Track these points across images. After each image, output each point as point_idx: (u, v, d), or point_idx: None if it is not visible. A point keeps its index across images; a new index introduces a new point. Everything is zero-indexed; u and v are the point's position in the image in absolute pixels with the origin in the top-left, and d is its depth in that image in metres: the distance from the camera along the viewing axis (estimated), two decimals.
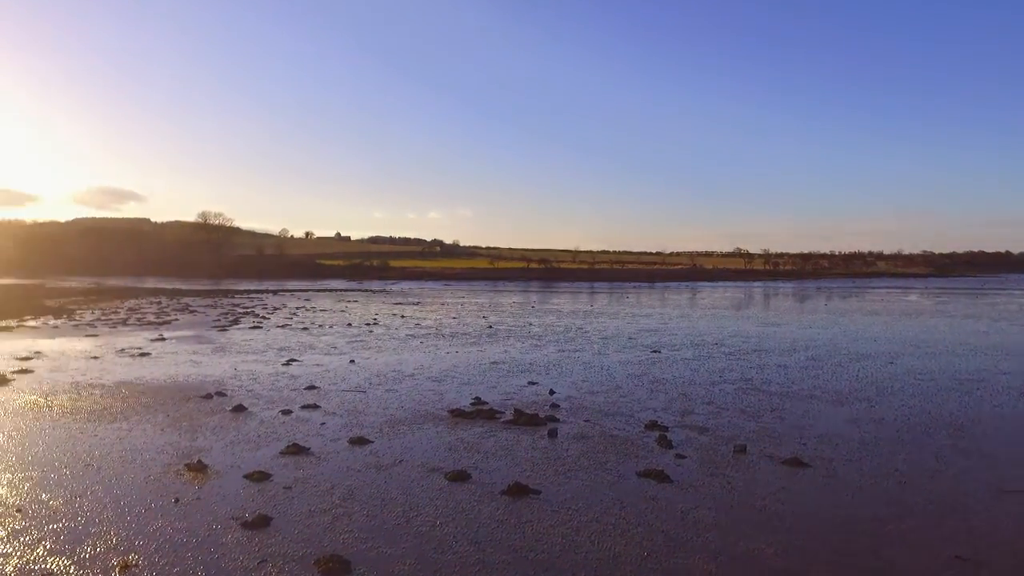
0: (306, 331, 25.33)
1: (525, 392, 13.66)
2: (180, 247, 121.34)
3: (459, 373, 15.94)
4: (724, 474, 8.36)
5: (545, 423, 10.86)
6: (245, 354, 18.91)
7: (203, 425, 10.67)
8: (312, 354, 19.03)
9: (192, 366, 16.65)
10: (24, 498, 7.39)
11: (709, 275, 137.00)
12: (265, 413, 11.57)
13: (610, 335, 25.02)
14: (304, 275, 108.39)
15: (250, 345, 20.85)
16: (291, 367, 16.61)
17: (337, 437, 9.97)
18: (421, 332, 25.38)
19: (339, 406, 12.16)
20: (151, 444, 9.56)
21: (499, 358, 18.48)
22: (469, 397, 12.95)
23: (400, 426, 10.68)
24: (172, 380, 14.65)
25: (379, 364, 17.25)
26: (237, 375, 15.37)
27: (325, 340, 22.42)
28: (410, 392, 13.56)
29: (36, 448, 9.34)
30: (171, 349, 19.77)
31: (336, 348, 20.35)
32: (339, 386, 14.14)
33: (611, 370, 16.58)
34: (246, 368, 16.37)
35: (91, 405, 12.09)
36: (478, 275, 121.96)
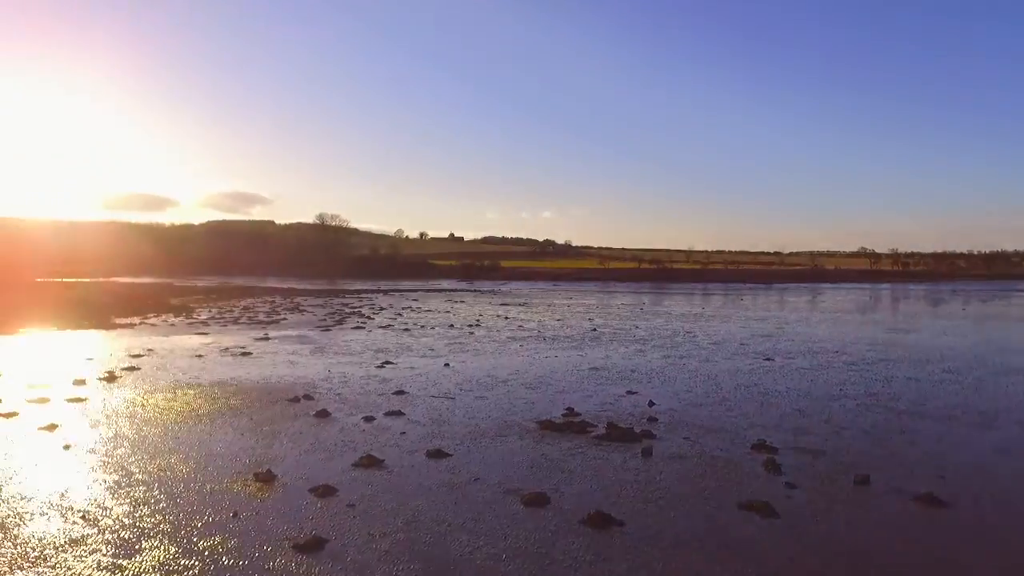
0: (407, 332, 25.26)
1: (622, 403, 12.75)
2: (299, 248, 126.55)
3: (555, 380, 15.20)
4: (842, 511, 7.21)
5: (640, 439, 9.94)
6: (342, 355, 18.87)
7: (283, 431, 10.41)
8: (408, 356, 18.77)
9: (288, 367, 16.69)
10: (91, 503, 7.23)
11: (831, 276, 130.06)
12: (348, 419, 11.23)
13: (720, 340, 23.60)
14: (416, 275, 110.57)
15: (349, 346, 20.87)
16: (384, 370, 16.35)
17: (415, 449, 9.44)
18: (522, 335, 24.79)
19: (424, 414, 11.67)
20: (227, 450, 9.33)
21: (599, 364, 17.60)
22: (562, 407, 12.18)
23: (483, 438, 10.05)
24: (265, 382, 14.64)
25: (473, 368, 16.75)
26: (329, 377, 15.23)
27: (424, 342, 22.19)
28: (500, 400, 12.93)
29: (119, 451, 9.29)
30: (272, 349, 20.03)
31: (433, 351, 20.04)
32: (428, 391, 13.70)
33: (718, 380, 15.39)
34: (340, 370, 16.24)
35: (182, 406, 12.13)
36: (588, 275, 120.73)
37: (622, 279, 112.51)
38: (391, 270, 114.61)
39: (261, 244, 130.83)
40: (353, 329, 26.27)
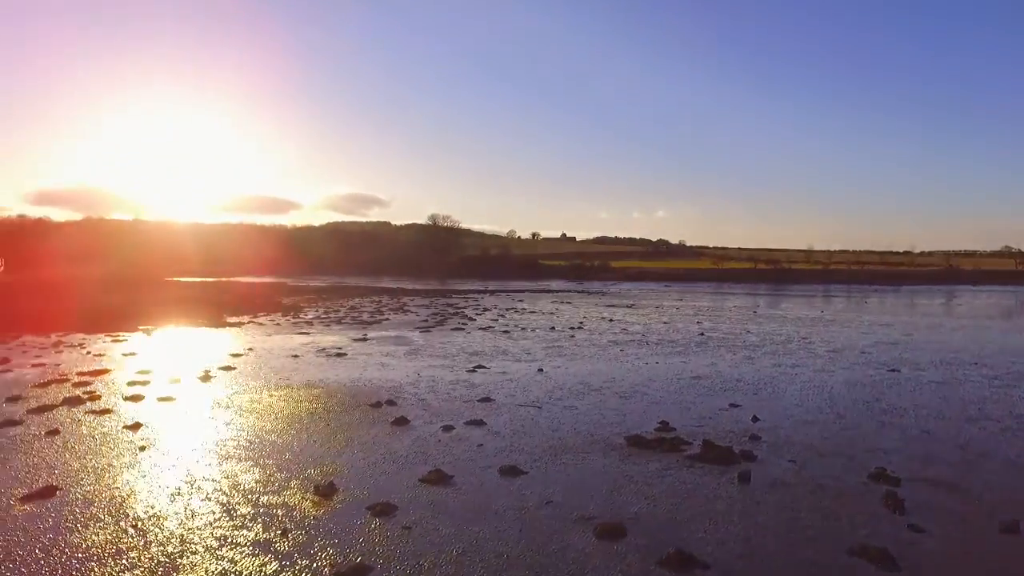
0: (507, 335, 24.75)
1: (723, 417, 11.66)
2: (412, 248, 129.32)
3: (652, 389, 14.21)
4: (983, 565, 6.00)
5: (738, 461, 8.89)
6: (435, 358, 18.53)
7: (356, 439, 10.00)
8: (503, 360, 18.21)
9: (379, 369, 16.46)
10: (147, 511, 6.99)
11: (969, 277, 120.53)
12: (425, 428, 10.72)
13: (839, 348, 21.76)
14: (526, 275, 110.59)
15: (445, 348, 20.54)
16: (475, 374, 15.84)
17: (489, 464, 8.79)
18: (625, 339, 23.78)
19: (507, 424, 11.02)
20: (296, 459, 8.99)
21: (702, 372, 16.43)
22: (655, 420, 11.23)
23: (564, 454, 9.27)
24: (352, 385, 14.42)
25: (568, 374, 15.98)
26: (417, 381, 14.85)
27: (522, 345, 21.60)
28: (590, 410, 12.11)
29: (191, 455, 9.13)
30: (368, 350, 19.95)
31: (529, 354, 19.39)
32: (516, 399, 13.05)
33: (834, 393, 13.95)
34: (429, 374, 15.86)
35: (265, 409, 12.00)
36: (702, 276, 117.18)
37: (737, 280, 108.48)
38: (501, 270, 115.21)
39: (376, 245, 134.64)
40: (453, 330, 26.02)
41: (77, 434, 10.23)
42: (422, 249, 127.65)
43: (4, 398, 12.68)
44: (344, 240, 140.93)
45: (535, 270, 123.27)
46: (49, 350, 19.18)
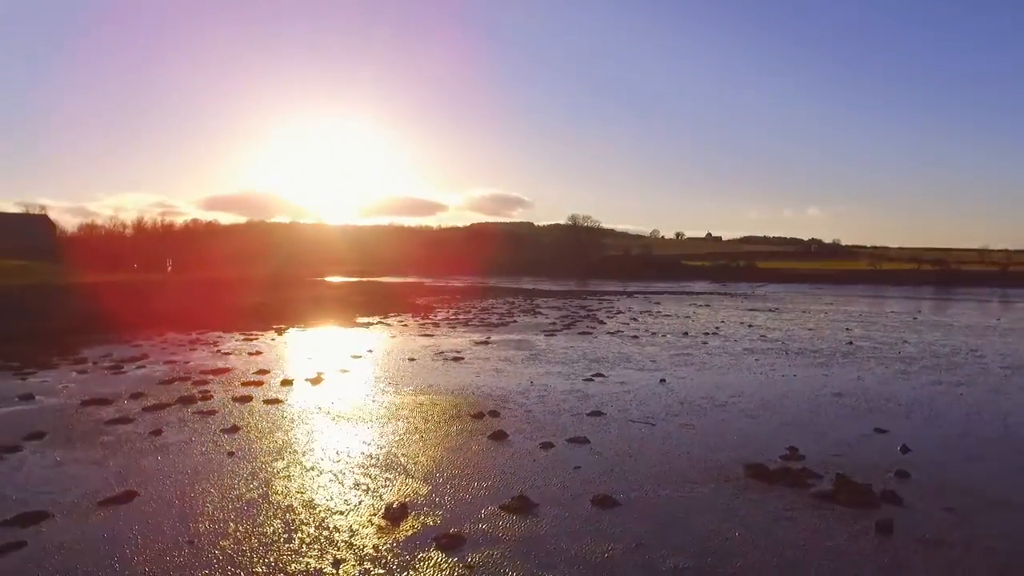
0: (634, 340, 23.52)
1: (865, 445, 10.04)
2: (553, 249, 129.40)
3: (784, 406, 12.68)
4: None
5: (878, 504, 7.42)
6: (554, 364, 17.69)
7: (446, 455, 9.33)
8: (624, 368, 17.10)
9: (492, 375, 15.82)
10: (210, 527, 6.60)
11: None
12: (523, 444, 9.90)
13: (1018, 364, 18.94)
14: (667, 276, 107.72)
15: (566, 354, 19.65)
16: (590, 384, 14.86)
17: (581, 491, 7.83)
18: (762, 346, 21.93)
19: (612, 443, 9.99)
20: (377, 476, 8.41)
21: (846, 388, 14.60)
22: (783, 445, 9.81)
23: (670, 483, 8.15)
24: (460, 392, 13.84)
25: (692, 387, 14.67)
26: (528, 390, 14.07)
27: (648, 352, 20.34)
28: (709, 430, 10.84)
29: (276, 465, 8.79)
30: (486, 354, 19.40)
31: (655, 363, 18.14)
32: (629, 413, 11.97)
33: (1009, 420, 11.84)
34: (543, 382, 15.04)
35: (363, 417, 11.62)
36: (857, 278, 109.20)
37: (897, 282, 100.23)
38: (642, 271, 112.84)
39: (517, 245, 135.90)
40: (579, 335, 25.08)
41: (177, 435, 10.23)
42: (562, 250, 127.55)
43: (129, 394, 13.07)
44: (486, 241, 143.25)
45: (677, 271, 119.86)
46: (185, 347, 20.02)
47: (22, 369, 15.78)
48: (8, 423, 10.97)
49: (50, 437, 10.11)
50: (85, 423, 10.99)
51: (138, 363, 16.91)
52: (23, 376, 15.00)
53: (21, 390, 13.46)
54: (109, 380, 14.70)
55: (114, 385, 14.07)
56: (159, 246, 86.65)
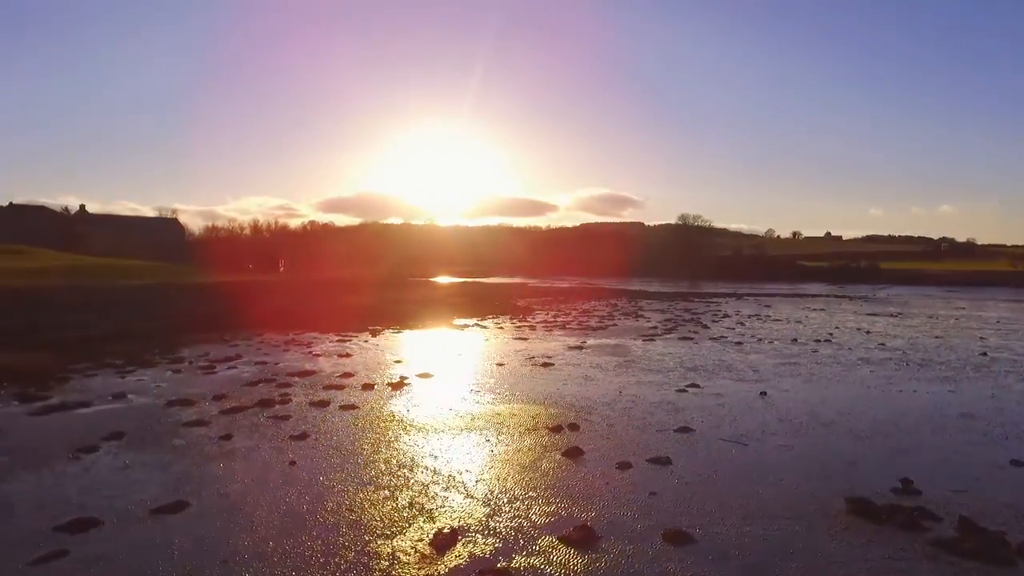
0: (738, 346, 22.13)
1: (998, 481, 8.64)
2: (662, 249, 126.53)
3: (900, 429, 11.29)
4: None
5: (1014, 561, 6.20)
6: (647, 372, 16.73)
7: (513, 474, 8.68)
8: (722, 378, 15.95)
9: (579, 384, 15.06)
10: (255, 546, 6.22)
11: None
12: (599, 463, 9.12)
13: None
14: (782, 277, 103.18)
15: (662, 361, 18.61)
16: (683, 395, 13.86)
17: (653, 522, 6.99)
18: (879, 356, 20.11)
19: (697, 465, 9.05)
20: (436, 495, 7.86)
21: (977, 409, 12.94)
22: (895, 476, 8.55)
23: (756, 518, 7.18)
24: (543, 401, 13.17)
25: (795, 401, 13.42)
26: (614, 401, 13.24)
27: (751, 360, 19.00)
28: (809, 453, 9.70)
29: (335, 476, 8.41)
30: (578, 360, 18.63)
31: (756, 372, 16.86)
32: (721, 430, 10.95)
33: None
34: (632, 392, 14.16)
35: (437, 427, 11.14)
36: (996, 280, 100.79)
37: None
38: (754, 272, 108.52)
39: (626, 246, 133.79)
40: (679, 340, 23.88)
41: (245, 441, 10.08)
42: (672, 250, 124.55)
43: (212, 396, 13.16)
44: (595, 241, 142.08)
45: (792, 272, 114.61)
46: (279, 348, 20.30)
47: (124, 367, 16.31)
48: (95, 422, 11.17)
49: (127, 438, 10.16)
50: (163, 425, 11.05)
51: (230, 363, 17.18)
52: (123, 374, 15.47)
53: (117, 388, 13.83)
54: (199, 380, 14.92)
55: (202, 386, 14.24)
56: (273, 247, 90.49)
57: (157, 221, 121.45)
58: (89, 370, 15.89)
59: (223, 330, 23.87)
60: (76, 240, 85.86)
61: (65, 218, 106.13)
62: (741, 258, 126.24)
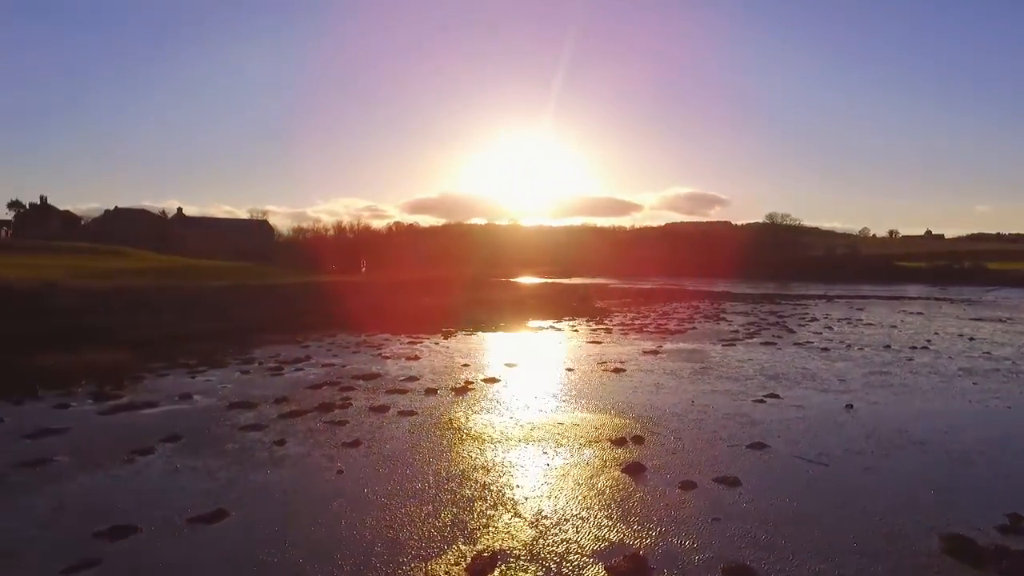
0: (824, 353, 20.85)
1: None
2: (749, 249, 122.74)
3: (1008, 451, 10.12)
4: None
5: None
6: (724, 380, 15.84)
7: (567, 491, 8.13)
8: (804, 388, 14.92)
9: (650, 392, 14.34)
10: (269, 564, 5.92)
11: None
12: (660, 481, 8.46)
13: None
14: (876, 279, 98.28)
15: (741, 368, 17.63)
16: (761, 406, 12.97)
17: (713, 554, 6.31)
18: (984, 366, 18.51)
19: (769, 487, 8.27)
20: (482, 513, 7.38)
21: None
22: (1001, 509, 7.53)
23: (832, 554, 6.38)
24: (608, 411, 12.55)
25: (885, 416, 12.34)
26: (686, 411, 12.48)
27: (838, 368, 17.79)
28: (899, 478, 8.74)
29: (377, 488, 8.06)
30: (651, 366, 17.87)
31: (843, 382, 15.72)
32: (799, 447, 10.09)
33: None
34: (705, 401, 13.36)
35: (494, 436, 10.68)
36: None
37: None
38: (846, 272, 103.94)
39: (712, 246, 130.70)
40: (761, 345, 22.72)
41: (297, 447, 9.89)
42: (759, 250, 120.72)
43: (273, 398, 13.11)
44: (679, 241, 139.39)
45: (888, 272, 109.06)
46: (349, 349, 20.30)
47: (196, 367, 16.55)
48: (157, 423, 11.24)
49: (183, 441, 10.13)
50: (221, 428, 11.00)
51: (299, 365, 17.21)
52: (194, 375, 15.68)
53: (185, 389, 13.98)
54: (265, 382, 14.95)
55: (267, 388, 14.24)
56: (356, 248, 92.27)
57: (247, 223, 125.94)
58: (163, 370, 16.19)
59: (297, 331, 24.13)
60: (172, 241, 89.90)
61: (163, 221, 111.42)
62: (833, 258, 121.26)
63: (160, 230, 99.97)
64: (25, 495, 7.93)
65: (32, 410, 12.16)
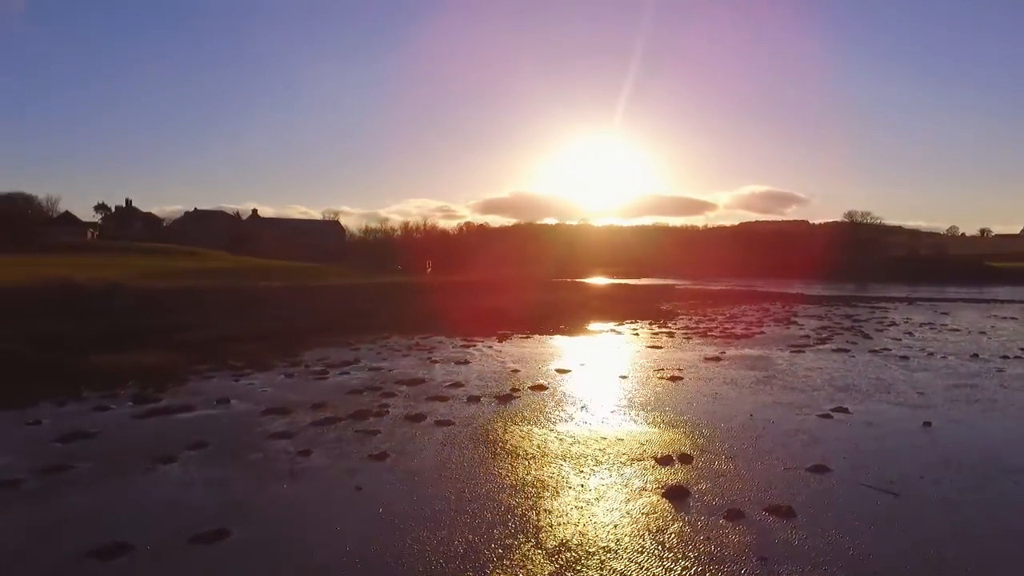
0: (903, 361, 19.36)
1: None
2: (828, 249, 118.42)
3: None
4: None
5: None
6: (789, 390, 14.74)
7: (598, 518, 7.36)
8: (877, 401, 13.71)
9: (706, 402, 13.41)
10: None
11: None
12: (703, 510, 7.59)
13: None
14: (966, 280, 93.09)
15: (808, 378, 16.44)
16: (827, 423, 11.88)
17: None
18: None
19: (828, 522, 7.30)
20: (502, 542, 6.71)
21: None
22: None
23: None
24: (658, 422, 11.72)
25: (969, 436, 11.11)
26: (743, 426, 11.52)
27: (917, 379, 16.40)
28: (984, 514, 7.61)
29: (394, 508, 7.47)
30: (711, 374, 16.85)
31: (922, 395, 14.41)
32: (865, 471, 9.04)
33: None
34: (766, 415, 12.35)
35: (532, 451, 10.00)
36: None
37: None
38: (932, 274, 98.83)
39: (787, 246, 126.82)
40: (833, 351, 21.32)
41: (322, 458, 9.43)
42: (838, 250, 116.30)
43: (310, 404, 12.75)
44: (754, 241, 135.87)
45: (979, 274, 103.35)
46: (399, 352, 19.94)
47: (242, 370, 16.42)
48: (188, 428, 10.99)
49: (209, 449, 9.82)
50: (250, 435, 10.67)
51: (344, 368, 16.89)
52: (238, 377, 15.53)
53: (226, 392, 13.79)
54: (307, 386, 14.65)
55: (307, 392, 13.92)
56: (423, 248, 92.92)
57: (320, 223, 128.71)
58: (209, 371, 16.10)
59: (351, 332, 23.96)
60: (245, 242, 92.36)
61: (239, 222, 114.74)
62: (917, 258, 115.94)
63: (236, 231, 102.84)
64: (34, 504, 7.68)
65: (72, 412, 12.11)
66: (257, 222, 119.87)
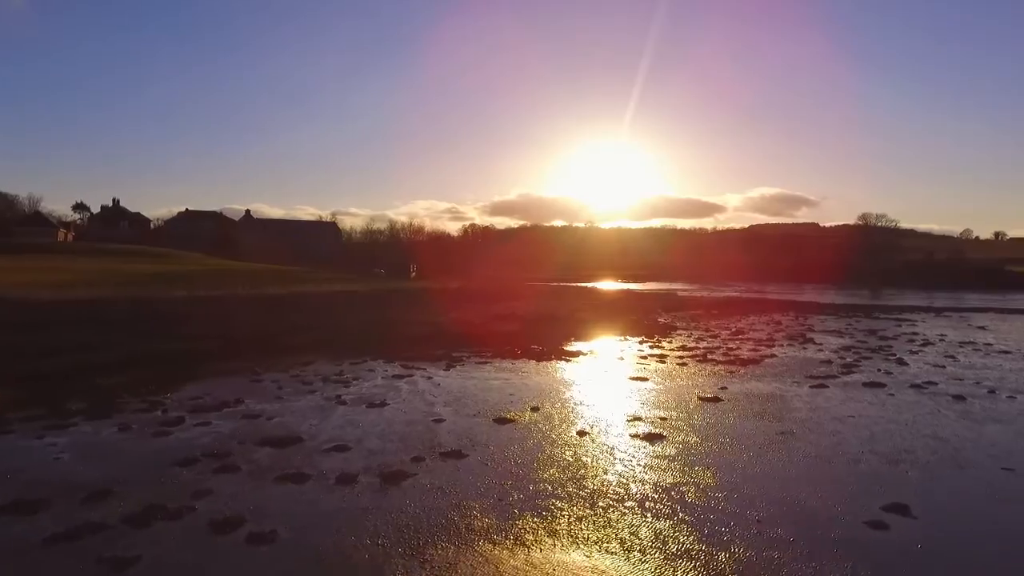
0: (961, 403, 14.84)
1: None
2: (840, 253, 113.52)
3: None
4: None
5: None
6: (811, 461, 10.31)
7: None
8: (947, 483, 9.29)
9: (683, 491, 8.99)
10: None
11: None
12: None
13: None
14: (986, 286, 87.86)
15: (838, 435, 11.98)
16: (877, 536, 7.45)
17: None
18: None
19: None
20: None
21: None
22: None
23: None
24: (598, 541, 7.29)
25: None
26: (742, 546, 7.08)
27: (993, 436, 11.97)
28: None
29: None
30: (704, 426, 12.40)
31: (1013, 470, 9.94)
32: None
33: None
34: (779, 517, 7.90)
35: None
36: None
37: None
38: (949, 279, 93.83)
39: (799, 249, 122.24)
40: (865, 386, 16.67)
41: None
42: (851, 254, 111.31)
43: (89, 491, 8.53)
44: (764, 244, 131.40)
45: (999, 279, 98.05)
46: (306, 387, 15.56)
47: (72, 416, 12.21)
48: None
49: None
50: None
51: (211, 414, 12.56)
52: (51, 429, 11.31)
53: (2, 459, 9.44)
54: (129, 448, 10.40)
55: (114, 462, 9.66)
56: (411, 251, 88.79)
57: (315, 224, 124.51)
58: (24, 418, 11.80)
59: (268, 355, 19.61)
60: (229, 244, 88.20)
61: (229, 223, 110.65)
62: (933, 263, 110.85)
63: (223, 233, 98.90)
64: None
65: None
66: (249, 223, 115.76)
